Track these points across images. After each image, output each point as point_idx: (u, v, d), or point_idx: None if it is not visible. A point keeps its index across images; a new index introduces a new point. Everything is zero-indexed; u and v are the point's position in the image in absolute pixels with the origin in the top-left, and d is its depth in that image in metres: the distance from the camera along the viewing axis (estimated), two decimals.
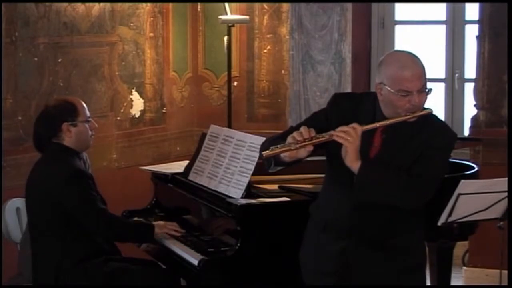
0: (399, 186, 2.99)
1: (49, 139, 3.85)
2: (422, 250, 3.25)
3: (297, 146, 2.95)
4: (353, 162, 2.97)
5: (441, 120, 3.18)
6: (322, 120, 3.14)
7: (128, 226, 3.97)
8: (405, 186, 2.99)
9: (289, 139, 2.99)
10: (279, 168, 3.13)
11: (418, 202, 3.06)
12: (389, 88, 2.98)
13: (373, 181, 2.99)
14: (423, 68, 3.01)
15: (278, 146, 2.99)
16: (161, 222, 4.03)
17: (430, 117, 3.08)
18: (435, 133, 3.05)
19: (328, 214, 3.19)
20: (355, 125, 2.96)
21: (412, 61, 3.00)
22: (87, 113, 3.91)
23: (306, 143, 2.96)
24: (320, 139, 2.97)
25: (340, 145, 2.99)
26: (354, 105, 3.12)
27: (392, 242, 3.11)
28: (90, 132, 3.91)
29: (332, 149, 3.06)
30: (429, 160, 3.01)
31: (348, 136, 2.94)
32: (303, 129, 2.99)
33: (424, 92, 2.99)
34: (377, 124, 3.00)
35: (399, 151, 3.04)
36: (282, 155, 3.01)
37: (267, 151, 3.00)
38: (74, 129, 3.84)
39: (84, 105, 3.91)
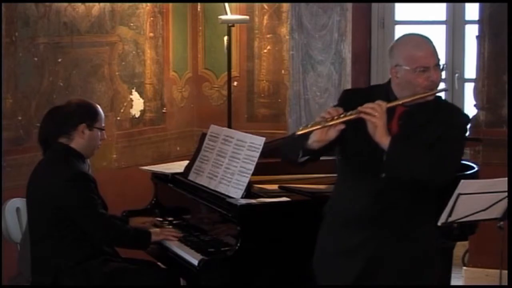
0: (427, 160, 3.03)
1: (57, 136, 3.84)
2: (436, 240, 3.30)
3: (328, 123, 2.99)
4: (382, 137, 3.01)
5: (452, 104, 3.29)
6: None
7: (125, 232, 3.92)
8: (432, 161, 3.02)
9: (318, 119, 3.05)
10: (306, 158, 3.12)
11: (443, 177, 3.09)
12: (406, 68, 3.06)
13: (403, 155, 3.02)
14: (434, 45, 3.13)
15: (309, 124, 3.05)
16: (157, 230, 4.02)
17: (442, 102, 3.20)
18: (452, 114, 3.15)
19: (348, 207, 3.19)
20: (379, 102, 3.03)
21: (424, 40, 3.12)
22: (103, 122, 3.92)
23: (335, 121, 3.00)
24: (348, 117, 3.02)
25: (359, 134, 3.05)
26: (365, 97, 3.14)
27: (411, 231, 3.14)
28: (99, 142, 3.92)
29: (350, 142, 3.11)
30: (450, 139, 3.07)
31: (375, 112, 3.00)
32: (330, 108, 3.06)
33: (439, 68, 3.08)
34: (400, 102, 3.06)
35: (416, 136, 3.08)
36: (310, 142, 3.04)
37: (300, 130, 3.05)
38: (89, 132, 3.85)
39: (103, 115, 3.94)
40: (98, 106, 3.96)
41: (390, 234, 3.13)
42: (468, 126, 3.23)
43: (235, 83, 5.97)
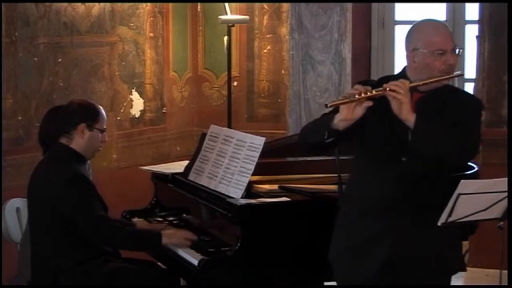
0: (451, 138, 3.07)
1: (57, 136, 3.84)
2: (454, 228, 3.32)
3: (356, 98, 3.04)
4: (408, 114, 3.04)
5: (466, 91, 3.44)
6: None
7: (127, 235, 3.85)
8: (456, 139, 3.07)
9: (346, 94, 3.10)
10: (331, 139, 3.13)
11: (466, 156, 3.21)
12: (424, 51, 3.12)
13: (429, 131, 3.06)
14: (451, 31, 3.23)
15: (338, 98, 3.12)
16: (171, 231, 3.91)
17: (456, 88, 3.32)
18: (466, 100, 3.23)
19: (367, 195, 3.21)
20: (402, 80, 3.09)
21: (442, 24, 3.22)
22: (105, 124, 3.91)
23: (363, 96, 3.05)
24: (375, 94, 3.06)
25: (378, 120, 3.10)
26: (377, 84, 3.17)
27: (431, 218, 3.15)
28: (100, 144, 3.91)
29: (370, 128, 3.14)
30: (467, 122, 3.13)
31: (400, 89, 3.05)
32: (357, 85, 3.12)
33: (454, 53, 3.15)
34: (421, 82, 3.12)
35: (432, 121, 3.11)
36: (336, 121, 3.08)
37: (330, 102, 3.10)
38: (89, 133, 3.83)
39: (105, 116, 3.92)
40: (101, 108, 3.94)
41: (410, 221, 3.15)
42: (482, 109, 3.30)
43: (235, 83, 5.97)
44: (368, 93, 3.06)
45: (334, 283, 3.67)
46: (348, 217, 3.29)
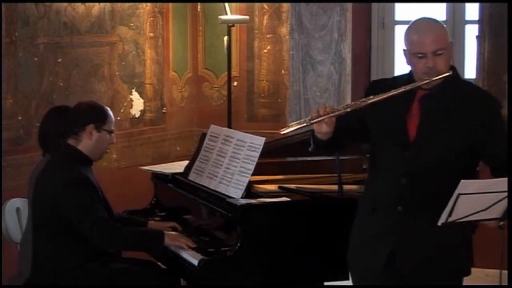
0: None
1: (60, 136, 3.82)
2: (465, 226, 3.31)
3: (311, 122, 3.05)
4: None
5: (480, 88, 3.37)
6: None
7: (126, 236, 3.80)
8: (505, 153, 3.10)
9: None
10: (315, 148, 3.19)
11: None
12: (409, 52, 3.11)
13: None
14: (442, 32, 3.11)
15: (294, 123, 3.12)
16: (174, 233, 3.90)
17: (468, 85, 3.24)
18: (483, 100, 3.16)
19: (376, 191, 3.23)
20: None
21: (428, 26, 3.12)
22: (113, 126, 3.91)
23: (320, 118, 3.04)
24: (336, 113, 3.05)
25: (381, 118, 3.11)
26: (389, 85, 3.17)
27: (435, 217, 3.13)
28: (107, 145, 3.90)
29: (372, 124, 3.15)
30: (497, 130, 3.11)
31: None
32: (320, 106, 3.11)
33: (440, 55, 3.07)
34: (370, 101, 3.05)
35: (440, 117, 3.09)
36: (315, 134, 3.10)
37: (284, 129, 3.11)
38: (97, 134, 3.83)
39: (113, 118, 3.92)
40: (109, 109, 3.94)
41: (414, 220, 3.15)
42: (501, 106, 3.25)
43: (235, 83, 5.97)
44: (328, 114, 3.03)
45: (334, 283, 3.69)
46: (359, 215, 3.32)
